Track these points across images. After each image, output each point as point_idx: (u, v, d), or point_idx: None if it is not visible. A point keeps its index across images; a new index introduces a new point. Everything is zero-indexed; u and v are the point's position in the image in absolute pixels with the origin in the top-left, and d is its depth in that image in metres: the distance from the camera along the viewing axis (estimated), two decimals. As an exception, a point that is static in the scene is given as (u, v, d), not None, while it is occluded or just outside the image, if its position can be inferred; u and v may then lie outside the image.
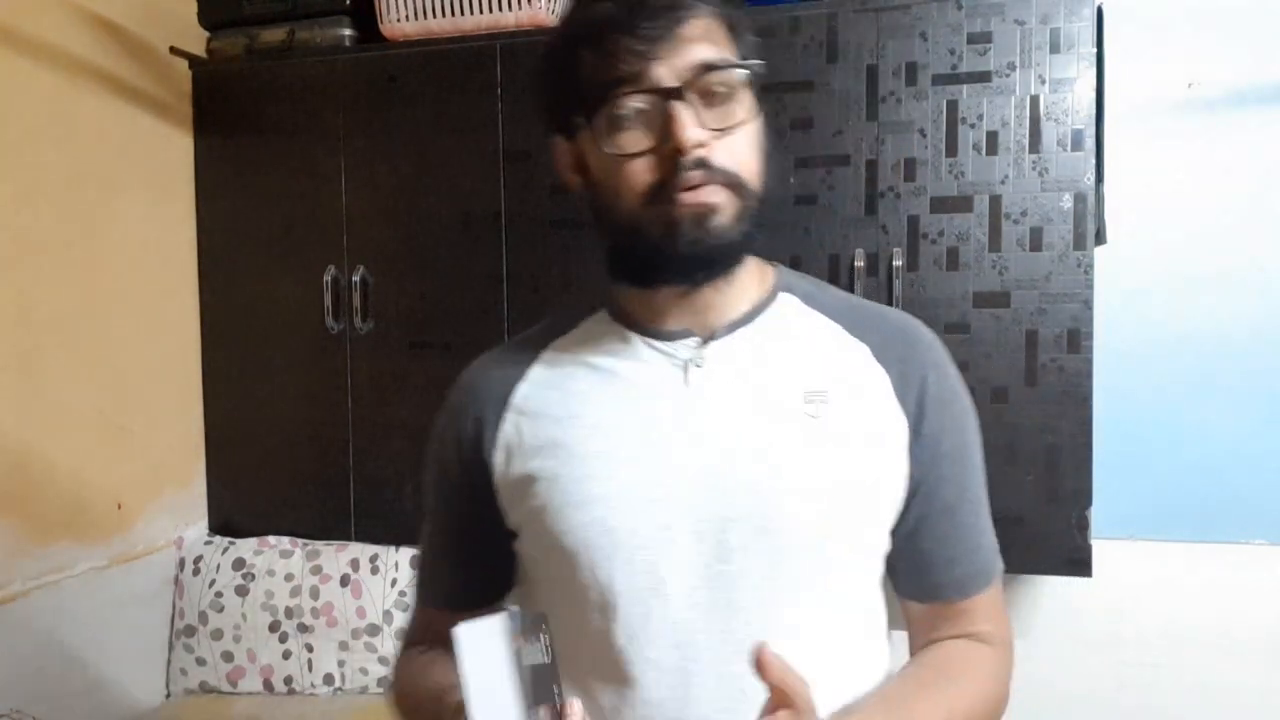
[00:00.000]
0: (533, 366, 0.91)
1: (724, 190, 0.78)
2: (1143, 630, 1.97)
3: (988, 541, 0.91)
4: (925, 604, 0.90)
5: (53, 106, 1.82)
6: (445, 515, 0.96)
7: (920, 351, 0.88)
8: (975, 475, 0.91)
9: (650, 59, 0.76)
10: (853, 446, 0.83)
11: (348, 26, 2.05)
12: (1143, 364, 1.96)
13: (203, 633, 2.03)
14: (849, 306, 0.91)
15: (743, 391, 0.84)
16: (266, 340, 2.12)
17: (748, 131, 0.80)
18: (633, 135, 0.78)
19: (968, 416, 0.90)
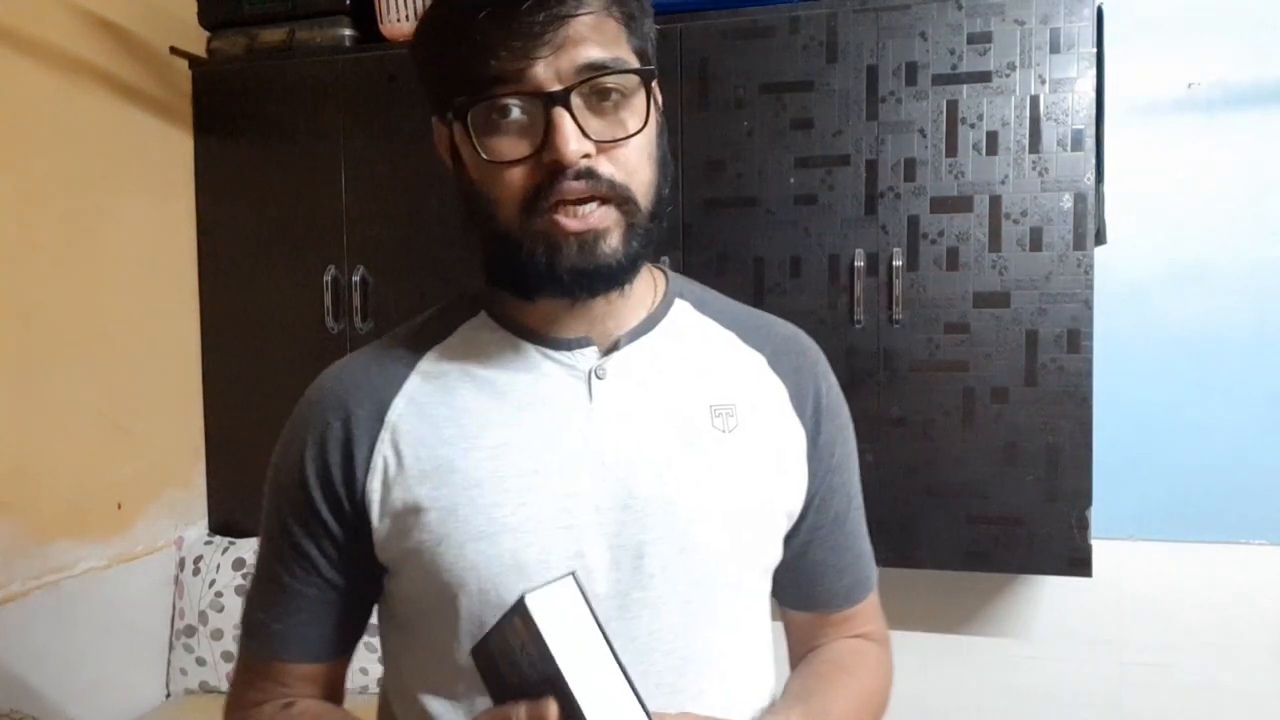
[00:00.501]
0: (409, 378, 0.80)
1: (611, 209, 0.71)
2: (1143, 630, 1.97)
3: (869, 548, 0.92)
4: (811, 613, 0.90)
5: (53, 106, 1.82)
6: (293, 560, 0.80)
7: (810, 362, 0.87)
8: (857, 483, 0.91)
9: (530, 57, 0.67)
10: (761, 461, 0.80)
11: (348, 26, 2.05)
12: (1143, 364, 1.96)
13: (203, 633, 2.03)
14: (739, 314, 0.87)
15: (649, 405, 0.78)
16: (266, 340, 2.12)
17: (640, 141, 0.72)
18: (509, 141, 0.70)
19: (850, 427, 0.90)
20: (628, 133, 0.71)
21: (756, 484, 0.80)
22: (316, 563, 0.80)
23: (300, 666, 0.83)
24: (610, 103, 0.70)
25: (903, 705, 2.13)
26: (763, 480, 0.81)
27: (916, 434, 1.76)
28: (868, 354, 1.78)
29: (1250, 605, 1.92)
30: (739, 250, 1.82)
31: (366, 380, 0.81)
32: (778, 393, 0.83)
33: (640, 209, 0.72)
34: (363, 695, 2.02)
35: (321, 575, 0.80)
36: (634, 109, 0.71)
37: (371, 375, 0.81)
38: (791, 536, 0.85)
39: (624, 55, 0.71)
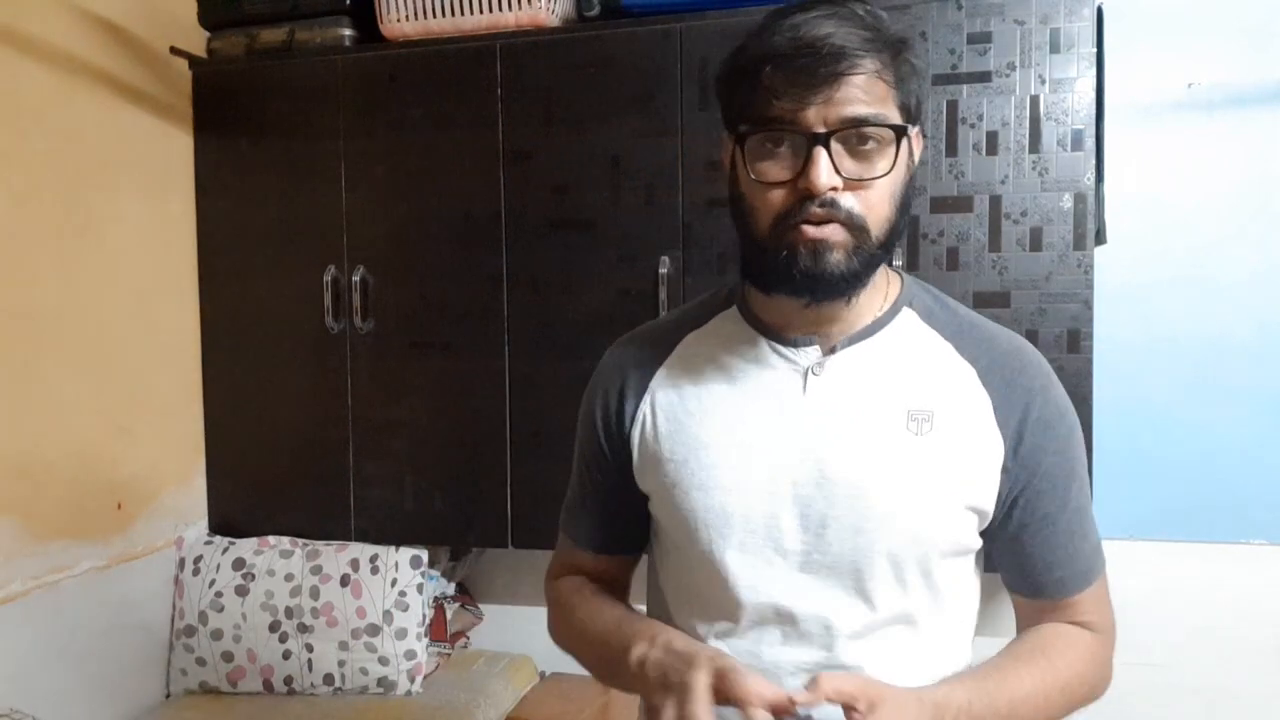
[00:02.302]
0: (670, 356, 1.00)
1: (844, 230, 0.84)
2: (1143, 630, 1.97)
3: (1089, 545, 0.97)
4: (1026, 598, 0.98)
5: (53, 106, 1.82)
6: (588, 474, 1.06)
7: (1027, 377, 0.94)
8: (1077, 486, 0.95)
9: (805, 104, 0.82)
10: (947, 466, 0.90)
11: (348, 26, 2.05)
12: (1143, 364, 1.96)
13: (203, 633, 2.03)
14: (963, 326, 0.97)
15: (853, 402, 0.91)
16: (266, 340, 2.12)
17: (885, 184, 0.85)
18: (775, 166, 0.85)
19: (1072, 435, 0.95)
20: (874, 175, 0.84)
21: (941, 483, 0.90)
22: (598, 482, 1.05)
23: (588, 554, 1.08)
24: (866, 149, 0.84)
25: (903, 705, 2.13)
26: (948, 480, 0.90)
27: (916, 434, 1.76)
28: (868, 354, 1.78)
29: (1250, 605, 1.92)
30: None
31: (640, 353, 1.03)
32: (982, 404, 0.92)
33: (871, 239, 0.85)
34: (363, 695, 2.02)
35: (603, 490, 1.05)
36: (885, 156, 0.85)
37: (644, 349, 1.03)
38: (1000, 530, 0.95)
39: (886, 112, 0.84)
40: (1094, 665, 0.96)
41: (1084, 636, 0.96)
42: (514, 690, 2.10)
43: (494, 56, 1.95)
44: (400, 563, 2.05)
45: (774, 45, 0.83)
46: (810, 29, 0.82)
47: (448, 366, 2.01)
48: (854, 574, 0.90)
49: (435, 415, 2.03)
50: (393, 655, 2.01)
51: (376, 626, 2.01)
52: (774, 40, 0.83)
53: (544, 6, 1.91)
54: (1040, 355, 0.97)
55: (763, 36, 0.85)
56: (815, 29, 0.82)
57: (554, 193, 1.93)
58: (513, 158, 1.96)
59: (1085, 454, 0.97)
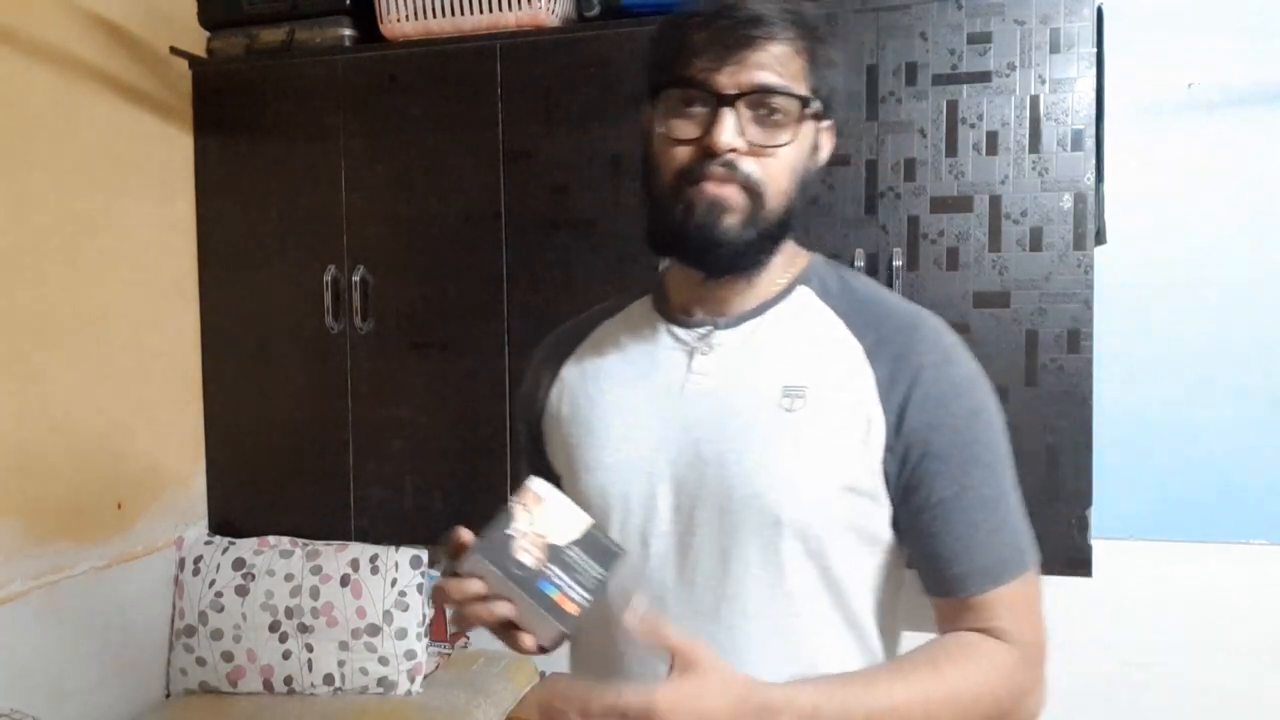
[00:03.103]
0: (583, 343, 1.03)
1: (742, 193, 0.86)
2: (1143, 630, 1.97)
3: (1002, 540, 0.89)
4: (940, 599, 0.91)
5: (53, 107, 1.82)
6: (526, 456, 1.10)
7: (918, 353, 0.89)
8: (981, 474, 0.88)
9: (719, 66, 0.84)
10: (818, 442, 0.87)
11: (348, 26, 2.05)
12: (1143, 364, 1.96)
13: (203, 633, 2.03)
14: (859, 302, 0.94)
15: (730, 381, 0.92)
16: (266, 340, 2.12)
17: (786, 154, 0.87)
18: (684, 124, 0.87)
19: (973, 416, 0.89)
20: (777, 143, 0.86)
21: (812, 461, 0.87)
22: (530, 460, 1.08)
23: None
24: (774, 119, 0.86)
25: (903, 705, 2.12)
26: (819, 458, 0.87)
27: (916, 434, 1.76)
28: (868, 354, 1.78)
29: (1250, 605, 1.92)
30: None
31: (559, 343, 1.06)
32: (865, 379, 0.89)
33: (767, 207, 0.87)
34: (363, 695, 2.02)
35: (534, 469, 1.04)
36: (789, 129, 0.86)
37: (564, 337, 1.06)
38: (899, 518, 0.90)
39: (797, 86, 0.86)
40: (1002, 682, 0.86)
41: (992, 647, 0.86)
42: (514, 690, 2.10)
43: (494, 56, 1.95)
44: (400, 563, 2.05)
45: (697, 8, 0.86)
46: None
47: (448, 366, 2.01)
48: (722, 557, 0.88)
49: (435, 415, 2.03)
50: (393, 655, 2.01)
51: (376, 626, 2.01)
52: (697, 4, 0.87)
53: (544, 6, 1.91)
54: (944, 333, 0.92)
55: (687, 3, 0.88)
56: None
57: (554, 193, 1.93)
58: (513, 158, 1.95)
59: (1002, 442, 0.90)
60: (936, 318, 0.93)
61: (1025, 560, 0.90)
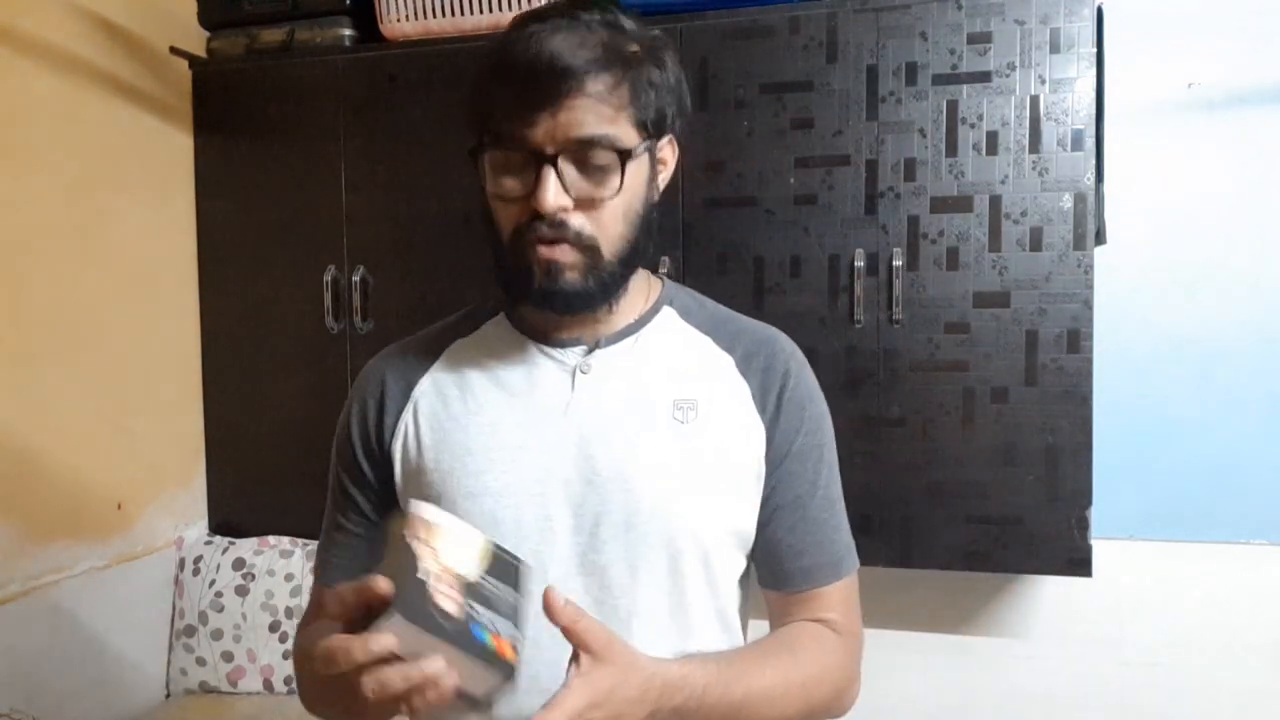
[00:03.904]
0: (435, 364, 0.98)
1: (574, 251, 0.84)
2: (1143, 630, 1.97)
3: (840, 539, 0.97)
4: (778, 592, 0.96)
5: (53, 106, 1.82)
6: (345, 500, 0.99)
7: (780, 361, 0.95)
8: (827, 474, 0.97)
9: (533, 123, 0.81)
10: (714, 452, 0.91)
11: (348, 26, 2.05)
12: (1143, 364, 1.96)
13: (203, 633, 2.03)
14: (719, 320, 0.99)
15: (621, 397, 0.91)
16: (266, 340, 2.12)
17: (616, 204, 0.84)
18: (510, 182, 0.85)
19: (822, 420, 0.97)
20: (604, 196, 0.84)
21: (709, 472, 0.90)
22: (360, 504, 0.98)
23: None
24: (599, 165, 0.83)
25: (903, 705, 2.13)
26: (715, 469, 0.91)
27: (916, 434, 1.76)
28: (868, 354, 1.78)
29: (1250, 605, 1.92)
30: (739, 250, 1.82)
31: (403, 362, 0.99)
32: (741, 390, 0.94)
33: (604, 257, 0.86)
34: (363, 695, 2.02)
35: (364, 515, 0.98)
36: (617, 175, 0.83)
37: (407, 358, 0.99)
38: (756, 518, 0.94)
39: (616, 131, 0.83)
40: (838, 667, 0.93)
41: (828, 635, 0.94)
42: (514, 690, 2.10)
43: (494, 56, 1.95)
44: (400, 563, 2.05)
45: (506, 60, 0.82)
46: (539, 44, 0.81)
47: (448, 366, 2.01)
48: (632, 572, 0.88)
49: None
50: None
51: (376, 626, 2.01)
52: (506, 54, 0.83)
53: (544, 6, 1.91)
54: (791, 343, 0.98)
55: (498, 50, 0.84)
56: (543, 44, 0.80)
57: (554, 193, 1.93)
58: (513, 158, 1.95)
59: (835, 446, 0.98)
60: (780, 331, 1.00)
61: (854, 559, 0.98)
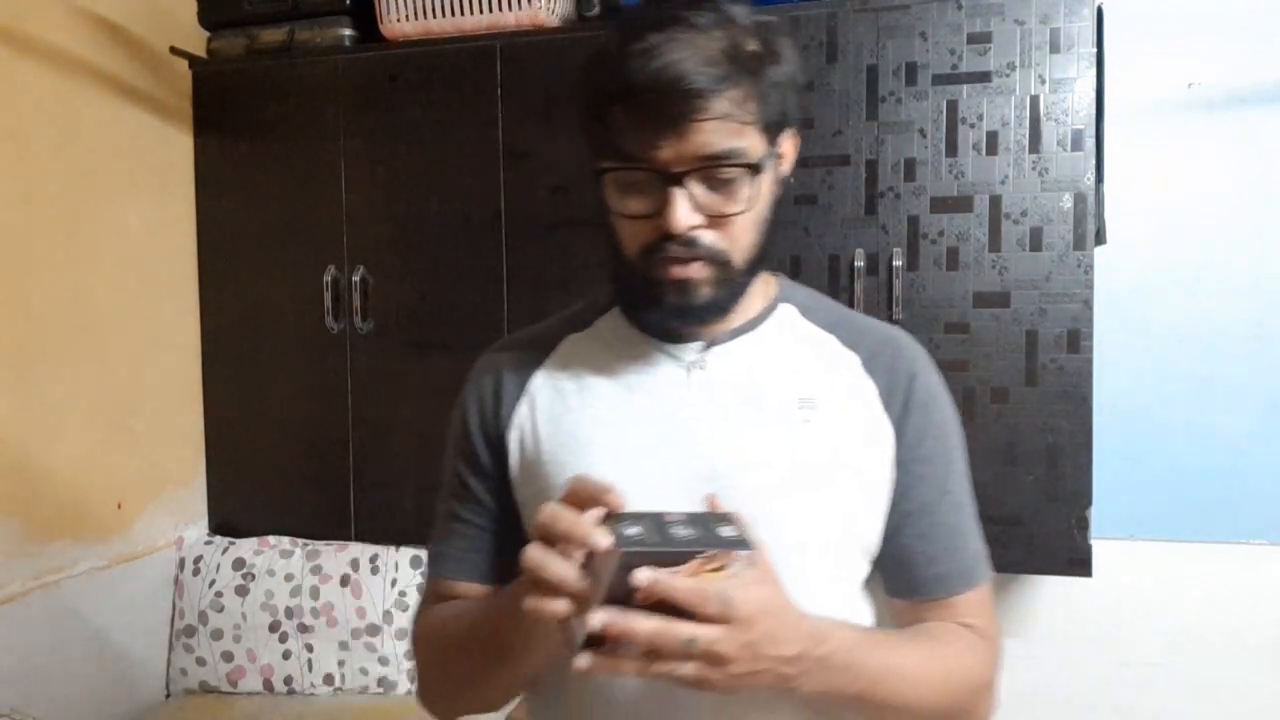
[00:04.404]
0: (550, 357, 0.96)
1: (707, 266, 0.83)
2: (1143, 630, 1.97)
3: (972, 545, 0.93)
4: (908, 601, 0.92)
5: (53, 106, 1.82)
6: (464, 490, 0.97)
7: (906, 361, 0.93)
8: (957, 479, 0.93)
9: (659, 143, 0.79)
10: (840, 451, 0.88)
11: (348, 26, 2.05)
12: (1143, 364, 1.96)
13: (203, 633, 2.03)
14: (841, 318, 0.96)
15: (740, 394, 0.89)
16: (266, 340, 2.12)
17: (746, 217, 0.83)
18: (636, 200, 0.83)
19: (950, 424, 0.94)
20: (735, 211, 0.82)
21: (835, 467, 0.87)
22: (476, 494, 0.96)
23: (460, 584, 0.95)
24: (727, 179, 0.81)
25: (903, 705, 2.12)
26: (842, 465, 0.87)
27: (916, 434, 1.76)
28: (868, 354, 1.78)
29: (1250, 605, 1.92)
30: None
31: (518, 355, 0.97)
32: (869, 390, 0.90)
33: (735, 268, 0.85)
34: (363, 695, 2.02)
35: (480, 504, 0.96)
36: (745, 188, 0.82)
37: (523, 350, 0.98)
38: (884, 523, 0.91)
39: (744, 144, 0.81)
40: (980, 666, 0.89)
41: (970, 634, 0.90)
42: (514, 690, 2.10)
43: (494, 56, 1.95)
44: (400, 563, 2.05)
45: (624, 79, 0.79)
46: (660, 60, 0.77)
47: (448, 366, 2.01)
48: None
49: (435, 415, 2.02)
50: (393, 655, 2.01)
51: (376, 626, 2.01)
52: (623, 72, 0.79)
53: (544, 6, 1.91)
54: (916, 342, 0.96)
55: (612, 66, 0.80)
56: (665, 59, 0.77)
57: (554, 193, 1.93)
58: (513, 158, 1.95)
59: (963, 449, 0.94)
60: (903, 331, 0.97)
61: (987, 566, 0.94)
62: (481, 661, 0.87)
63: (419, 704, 0.98)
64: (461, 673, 0.91)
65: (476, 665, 0.88)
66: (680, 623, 0.67)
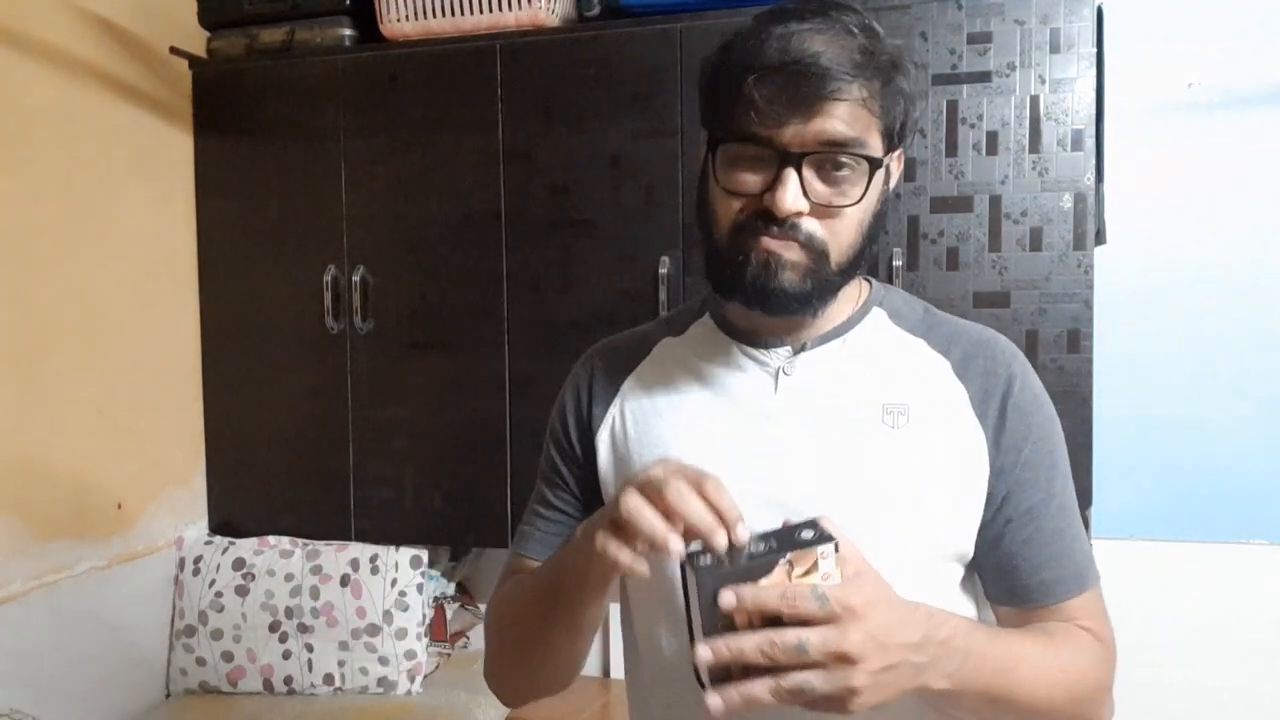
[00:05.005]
0: (644, 360, 0.99)
1: (801, 250, 0.82)
2: (1143, 630, 1.97)
3: (1080, 548, 0.91)
4: (1015, 609, 0.91)
5: (53, 106, 1.82)
6: (557, 479, 1.01)
7: (1002, 364, 0.91)
8: (1061, 482, 0.91)
9: (784, 122, 0.78)
10: (928, 459, 0.87)
11: (348, 26, 2.05)
12: (1143, 364, 1.96)
13: (203, 633, 2.03)
14: (932, 322, 0.95)
15: (826, 401, 0.89)
16: (266, 340, 2.12)
17: (854, 212, 0.82)
18: (744, 177, 0.82)
19: (1052, 425, 0.92)
20: (844, 203, 0.81)
21: (923, 478, 0.86)
22: (566, 480, 1.00)
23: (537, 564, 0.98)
24: (840, 174, 0.81)
25: (903, 705, 2.12)
26: (930, 474, 0.87)
27: (916, 434, 1.76)
28: (868, 354, 1.78)
29: (1250, 605, 1.92)
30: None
31: (614, 357, 1.00)
32: (958, 395, 0.89)
33: (830, 264, 0.83)
34: (363, 695, 2.02)
35: (570, 491, 1.00)
36: (858, 185, 0.81)
37: (621, 352, 1.01)
38: (984, 529, 0.89)
39: (867, 139, 0.81)
40: (1096, 664, 0.89)
41: (1082, 632, 0.90)
42: (514, 690, 2.10)
43: (494, 56, 1.95)
44: (400, 563, 2.05)
45: (760, 56, 0.79)
46: (800, 43, 0.78)
47: (448, 366, 2.01)
48: None
49: (435, 415, 2.03)
50: (393, 655, 2.01)
51: (376, 626, 2.01)
52: (761, 50, 0.79)
53: (544, 6, 1.91)
54: (1013, 347, 0.94)
55: (750, 43, 0.81)
56: (805, 44, 0.78)
57: (554, 193, 1.93)
58: (513, 158, 1.95)
59: (1066, 451, 0.93)
60: (998, 333, 0.95)
61: (1096, 569, 0.93)
62: (542, 611, 0.88)
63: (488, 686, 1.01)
64: (524, 631, 0.93)
65: (538, 615, 0.89)
66: (785, 629, 0.66)
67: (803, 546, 0.68)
